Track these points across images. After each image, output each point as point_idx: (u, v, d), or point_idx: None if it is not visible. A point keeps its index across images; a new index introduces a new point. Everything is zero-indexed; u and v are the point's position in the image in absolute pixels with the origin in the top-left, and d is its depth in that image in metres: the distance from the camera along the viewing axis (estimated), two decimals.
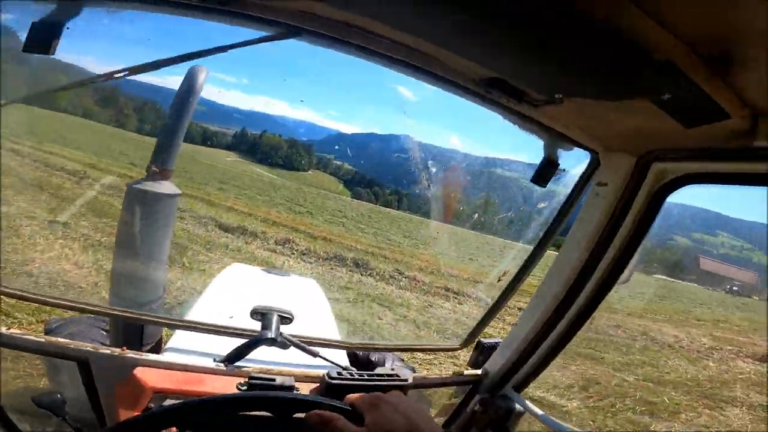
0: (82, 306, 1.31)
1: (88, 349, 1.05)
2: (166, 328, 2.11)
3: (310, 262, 9.62)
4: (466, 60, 0.77)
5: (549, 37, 0.59)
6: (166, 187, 1.72)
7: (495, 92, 0.82)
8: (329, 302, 2.54)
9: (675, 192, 1.00)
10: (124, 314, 1.44)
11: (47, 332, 1.81)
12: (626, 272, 1.14)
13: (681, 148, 0.90)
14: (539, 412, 1.35)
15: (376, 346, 1.72)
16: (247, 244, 9.53)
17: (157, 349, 2.07)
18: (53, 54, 0.74)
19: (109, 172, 15.27)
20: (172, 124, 1.66)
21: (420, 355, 4.32)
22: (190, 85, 1.62)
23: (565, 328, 1.23)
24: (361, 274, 9.69)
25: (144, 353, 1.13)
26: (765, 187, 0.84)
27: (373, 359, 2.28)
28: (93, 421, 1.09)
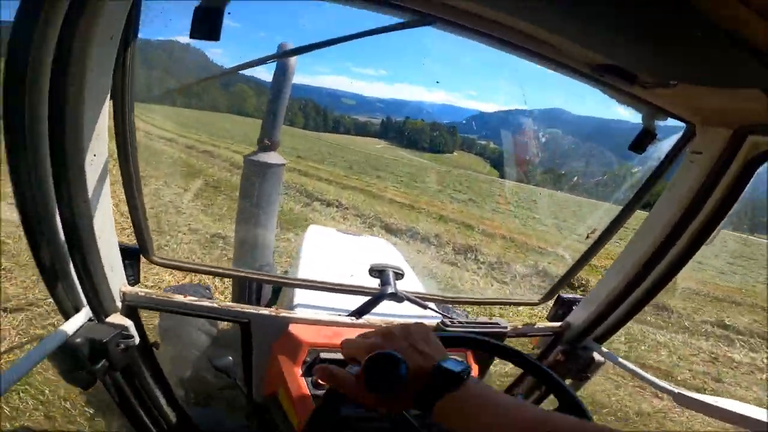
0: (233, 272, 1.50)
1: (251, 311, 1.16)
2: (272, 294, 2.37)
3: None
4: (582, 47, 0.84)
5: (663, 27, 0.64)
6: (274, 157, 1.92)
7: (609, 76, 0.91)
8: (403, 257, 2.74)
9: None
10: (270, 279, 1.65)
11: None
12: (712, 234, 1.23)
13: None
14: (621, 360, 1.45)
15: (467, 300, 1.90)
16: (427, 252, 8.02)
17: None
18: (219, 39, 0.74)
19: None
20: (273, 101, 1.85)
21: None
22: (284, 69, 1.79)
23: (649, 285, 1.34)
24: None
25: (292, 312, 1.27)
26: None
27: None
28: (239, 383, 1.21)
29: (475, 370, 1.33)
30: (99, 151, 0.80)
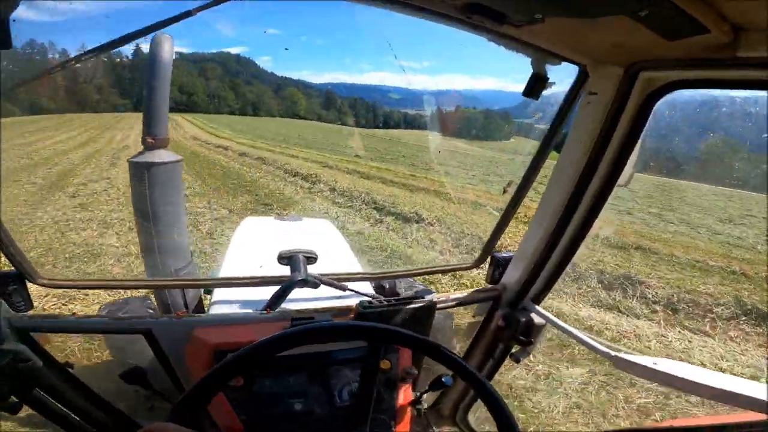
0: (128, 283, 1.45)
1: (149, 319, 1.15)
2: (205, 292, 2.29)
3: None
4: None
5: None
6: (165, 155, 1.79)
7: (476, 17, 0.86)
8: (344, 237, 2.67)
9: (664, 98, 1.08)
10: (167, 284, 1.59)
11: None
12: (625, 176, 1.22)
13: (667, 59, 0.97)
14: (558, 321, 1.43)
15: (398, 273, 1.84)
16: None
17: (201, 310, 2.25)
18: (10, 47, 0.77)
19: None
20: (152, 95, 1.69)
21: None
22: (156, 54, 1.64)
23: (571, 236, 1.33)
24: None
25: (197, 315, 1.24)
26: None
27: (385, 286, 2.38)
28: (171, 388, 1.20)
29: (407, 360, 1.29)
30: None
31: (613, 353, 1.27)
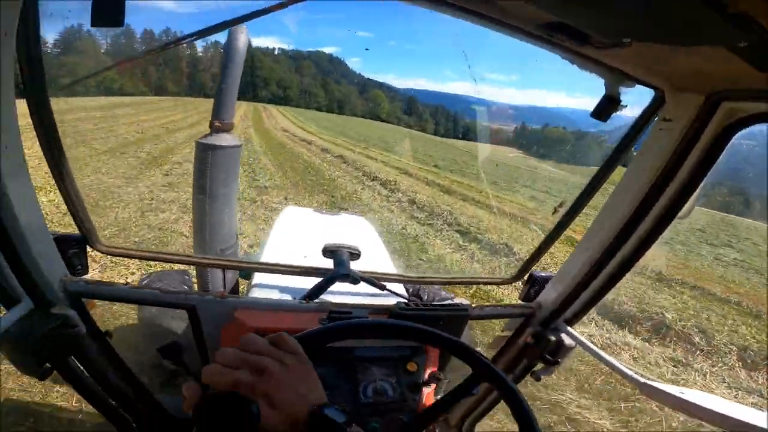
0: (177, 258, 1.48)
1: (195, 296, 1.19)
2: (240, 276, 2.41)
3: None
4: (530, 5, 0.78)
5: None
6: (228, 139, 1.87)
7: (558, 36, 0.85)
8: (380, 237, 2.70)
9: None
10: (213, 263, 1.60)
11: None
12: (687, 208, 1.17)
13: (755, 89, 0.91)
14: (590, 345, 1.42)
15: (434, 279, 1.80)
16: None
17: (236, 292, 2.35)
18: (122, 26, 0.75)
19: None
20: (224, 82, 1.78)
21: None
22: (232, 44, 1.73)
23: (619, 262, 1.29)
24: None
25: (240, 296, 1.27)
26: None
27: (423, 295, 2.46)
28: (199, 365, 1.23)
29: (434, 362, 1.30)
30: (11, 143, 0.80)
31: (641, 379, 1.27)
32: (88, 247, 1.15)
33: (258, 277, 1.70)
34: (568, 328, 1.48)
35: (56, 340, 0.97)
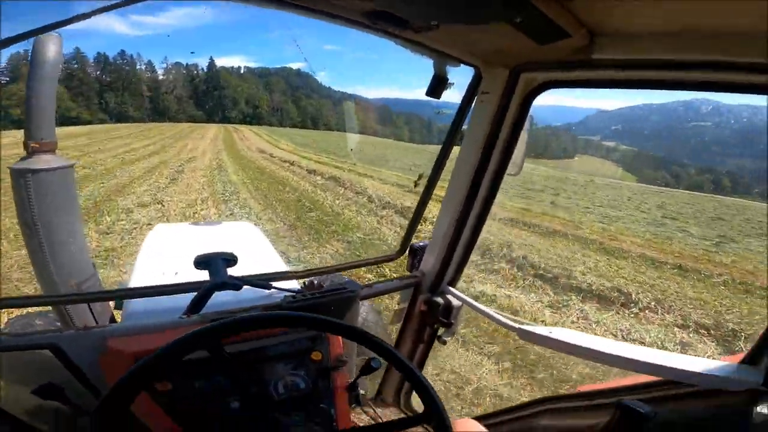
0: (21, 300, 1.32)
1: (54, 334, 1.08)
2: (115, 308, 2.12)
3: None
4: None
5: None
6: (51, 161, 1.62)
7: (381, 23, 0.96)
8: (268, 239, 2.60)
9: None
10: (70, 299, 1.50)
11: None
12: (515, 166, 1.41)
13: (540, 61, 1.14)
14: (471, 301, 1.58)
15: (322, 269, 1.76)
16: None
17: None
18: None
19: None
20: (33, 96, 1.55)
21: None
22: (41, 53, 1.54)
23: (474, 223, 1.50)
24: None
25: (108, 325, 1.18)
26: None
27: (316, 283, 2.37)
28: (91, 400, 1.11)
29: (338, 345, 1.33)
30: None
31: (516, 326, 1.41)
32: None
33: (131, 305, 1.58)
34: (452, 289, 1.63)
35: None
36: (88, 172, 12.64)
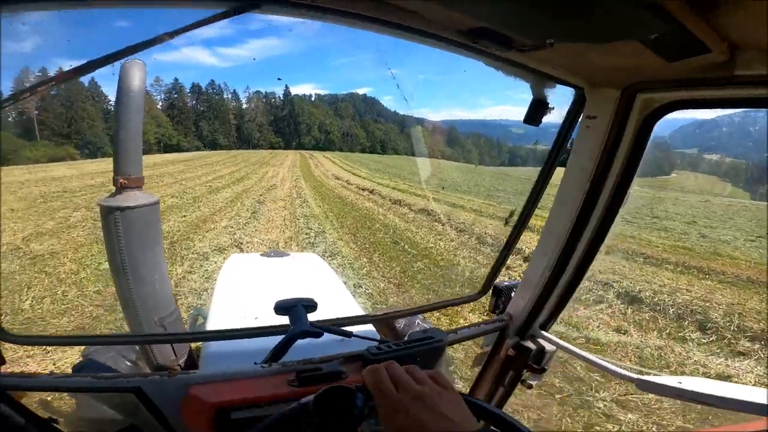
0: (106, 339, 1.35)
1: (137, 378, 1.07)
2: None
3: None
4: (451, 11, 0.79)
5: None
6: (139, 198, 1.66)
7: (483, 41, 0.87)
8: (335, 273, 2.61)
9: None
10: (149, 338, 1.50)
11: (76, 371, 1.79)
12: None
13: (665, 80, 0.98)
14: (570, 347, 1.43)
15: (401, 312, 1.74)
16: None
17: (191, 361, 2.08)
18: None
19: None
20: (122, 129, 1.57)
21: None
22: (125, 83, 1.54)
23: (578, 260, 1.33)
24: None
25: (190, 372, 1.16)
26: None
27: (398, 327, 2.33)
28: None
29: None
30: None
31: (635, 376, 1.25)
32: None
33: (210, 346, 1.59)
34: (545, 333, 1.49)
35: None
36: (177, 202, 13.05)
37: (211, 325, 1.72)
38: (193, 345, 2.26)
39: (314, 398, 0.74)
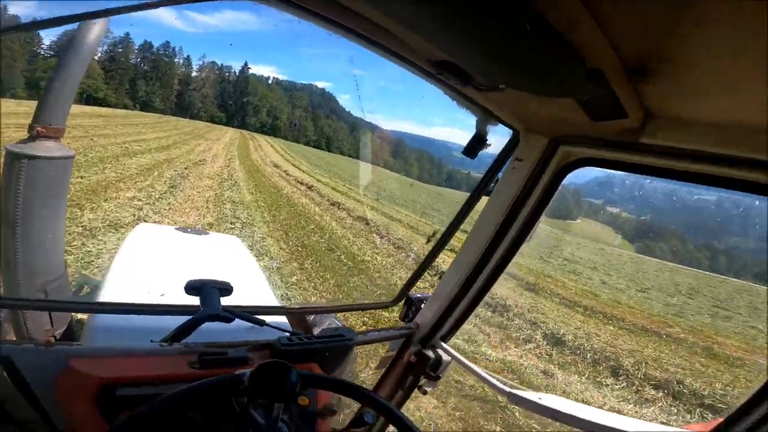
0: None
1: (8, 346, 0.98)
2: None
3: None
4: (425, 41, 0.85)
5: (503, 32, 0.67)
6: (53, 149, 1.52)
7: (446, 74, 0.94)
8: (255, 259, 2.50)
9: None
10: (27, 303, 1.39)
11: None
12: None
13: (585, 136, 1.14)
14: (463, 359, 1.60)
15: (317, 308, 1.79)
16: None
17: (70, 334, 1.89)
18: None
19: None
20: (58, 78, 1.47)
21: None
22: (82, 35, 1.48)
23: (483, 282, 1.49)
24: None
25: (74, 343, 1.08)
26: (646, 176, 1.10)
27: (310, 322, 2.30)
28: (38, 420, 1.01)
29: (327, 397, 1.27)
30: None
31: (507, 389, 1.42)
32: None
33: (98, 318, 1.44)
34: (444, 345, 1.64)
35: None
36: (78, 159, 10.53)
37: (104, 296, 1.56)
38: (77, 317, 2.05)
39: (251, 372, 0.78)
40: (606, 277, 17.03)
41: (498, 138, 1.37)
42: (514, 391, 1.40)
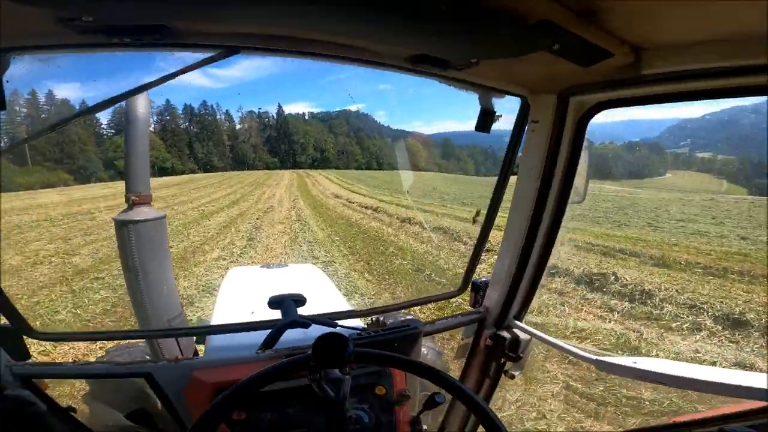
0: (119, 334, 1.55)
1: (148, 364, 1.25)
2: (197, 342, 2.38)
3: None
4: (391, 45, 0.95)
5: (454, 16, 0.74)
6: (148, 213, 1.88)
7: (423, 65, 1.02)
8: (332, 281, 2.77)
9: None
10: (158, 333, 1.70)
11: None
12: (579, 193, 1.36)
13: (587, 83, 1.13)
14: (540, 334, 1.54)
15: (385, 308, 1.86)
16: None
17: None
18: (5, 108, 0.84)
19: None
20: (131, 153, 1.81)
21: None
22: (132, 113, 1.79)
23: (539, 254, 1.46)
24: None
25: (194, 358, 1.34)
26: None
27: (380, 320, 2.55)
28: (175, 428, 1.27)
29: (402, 381, 1.37)
30: None
31: (594, 357, 1.34)
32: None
33: (213, 340, 1.75)
34: (519, 323, 1.61)
35: (17, 420, 1.04)
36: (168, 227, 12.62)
37: (214, 322, 1.92)
38: (200, 347, 2.44)
39: (314, 343, 0.91)
40: (740, 230, 13.57)
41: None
42: (602, 358, 1.33)
